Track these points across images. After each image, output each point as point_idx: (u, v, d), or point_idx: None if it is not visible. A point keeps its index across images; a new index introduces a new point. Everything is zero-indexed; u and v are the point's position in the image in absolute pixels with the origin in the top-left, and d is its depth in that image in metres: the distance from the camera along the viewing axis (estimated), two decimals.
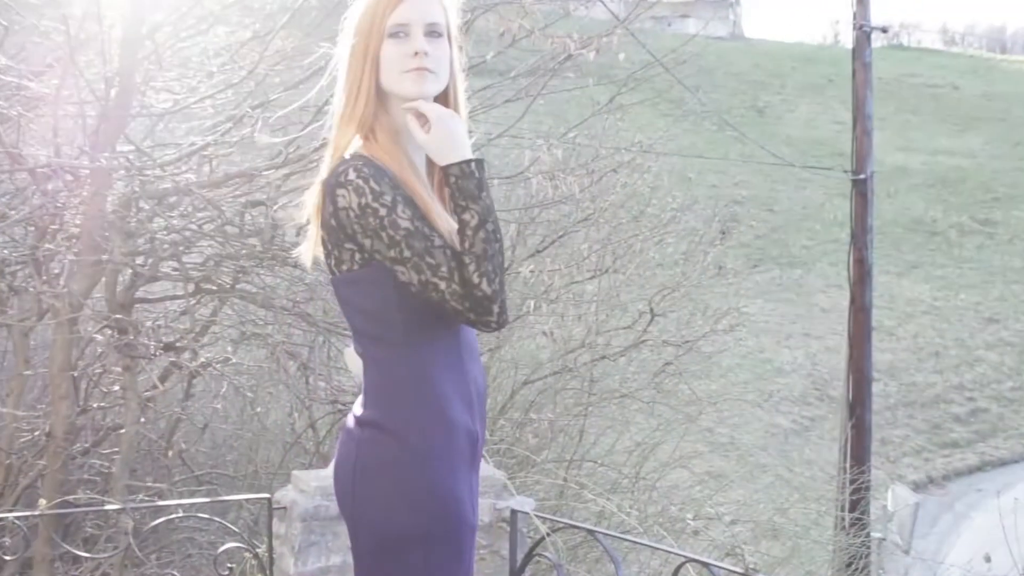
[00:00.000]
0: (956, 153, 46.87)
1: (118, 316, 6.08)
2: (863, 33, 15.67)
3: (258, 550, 4.85)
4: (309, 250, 2.88)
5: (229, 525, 5.08)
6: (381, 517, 2.70)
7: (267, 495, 4.95)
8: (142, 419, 6.66)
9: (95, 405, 6.98)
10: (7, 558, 4.44)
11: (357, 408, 2.79)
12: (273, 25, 6.85)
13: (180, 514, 5.06)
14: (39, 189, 6.08)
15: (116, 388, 6.89)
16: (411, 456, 2.68)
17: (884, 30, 18.01)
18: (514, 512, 4.92)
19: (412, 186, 2.70)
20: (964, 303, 34.07)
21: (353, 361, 5.01)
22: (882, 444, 25.36)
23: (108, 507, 5.59)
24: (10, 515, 4.82)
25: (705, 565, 4.08)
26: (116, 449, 6.59)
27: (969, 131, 50.05)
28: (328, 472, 4.96)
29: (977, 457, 27.33)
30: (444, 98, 2.82)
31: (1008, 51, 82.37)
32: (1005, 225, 39.87)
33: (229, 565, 4.74)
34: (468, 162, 2.70)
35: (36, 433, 6.58)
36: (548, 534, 4.81)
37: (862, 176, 15.63)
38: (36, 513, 4.83)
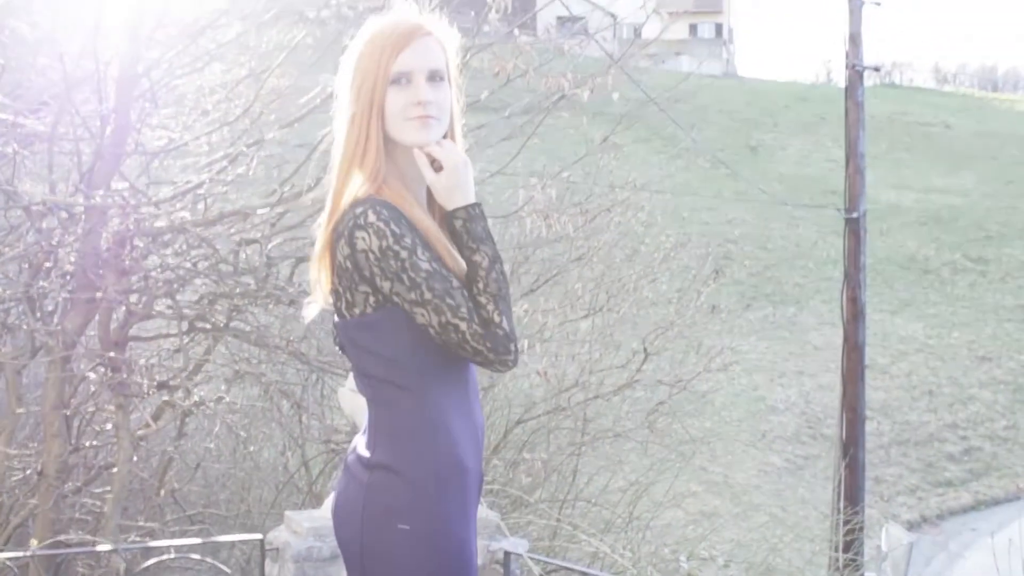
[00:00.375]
0: (949, 191, 46.98)
1: (111, 354, 6.07)
2: (855, 72, 15.76)
3: None
4: (318, 302, 2.82)
5: (221, 566, 5.04)
6: (392, 562, 2.67)
7: (259, 536, 4.93)
8: (134, 458, 6.63)
9: (87, 443, 6.95)
10: None
11: (363, 451, 2.74)
12: (268, 64, 6.89)
13: (172, 555, 5.03)
14: (34, 226, 6.08)
15: (109, 426, 6.87)
16: (426, 502, 2.66)
17: (876, 69, 18.12)
18: (507, 554, 4.90)
19: (426, 228, 2.69)
20: (957, 341, 34.04)
21: (347, 401, 5.00)
22: (876, 483, 25.30)
23: (100, 547, 5.56)
24: (1, 555, 4.78)
25: None
26: (108, 488, 6.56)
27: (961, 169, 50.17)
28: (321, 513, 4.94)
29: (971, 496, 27.25)
30: (444, 139, 2.82)
31: (1000, 90, 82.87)
32: (997, 263, 39.90)
33: None
34: (475, 205, 2.74)
35: (28, 471, 6.55)
36: None
37: (855, 214, 15.68)
38: (27, 553, 4.80)
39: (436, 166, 2.74)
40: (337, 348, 3.01)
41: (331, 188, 2.76)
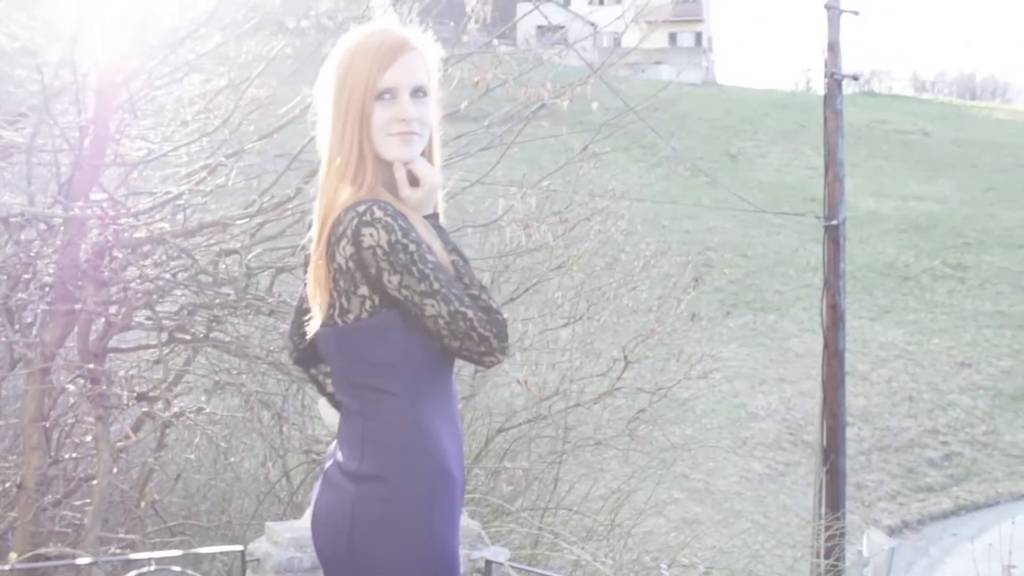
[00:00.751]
0: (927, 198, 47.24)
1: (91, 366, 6.05)
2: (834, 81, 15.84)
3: None
4: (318, 316, 2.79)
5: None
6: (382, 572, 2.68)
7: (240, 547, 4.92)
8: (114, 469, 6.60)
9: (67, 456, 6.92)
10: None
11: (347, 462, 2.74)
12: (248, 74, 6.88)
13: (152, 567, 5.00)
14: (12, 238, 6.06)
15: (88, 438, 6.84)
16: (416, 511, 2.68)
17: (855, 78, 18.19)
18: (489, 562, 4.89)
19: (418, 229, 2.73)
20: (937, 347, 34.20)
21: (328, 411, 4.99)
22: (857, 488, 25.38)
23: (80, 560, 5.54)
24: None
25: None
26: (88, 500, 6.53)
27: (940, 177, 50.47)
28: (302, 523, 4.93)
29: (952, 501, 27.38)
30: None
31: (978, 98, 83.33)
32: (976, 270, 40.13)
33: None
34: (436, 215, 2.85)
35: (7, 484, 6.52)
36: None
37: (834, 222, 15.74)
38: (6, 567, 4.77)
39: (411, 179, 2.78)
40: (293, 362, 3.04)
41: (319, 201, 2.77)
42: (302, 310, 2.91)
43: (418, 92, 2.77)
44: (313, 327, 2.83)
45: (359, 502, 2.69)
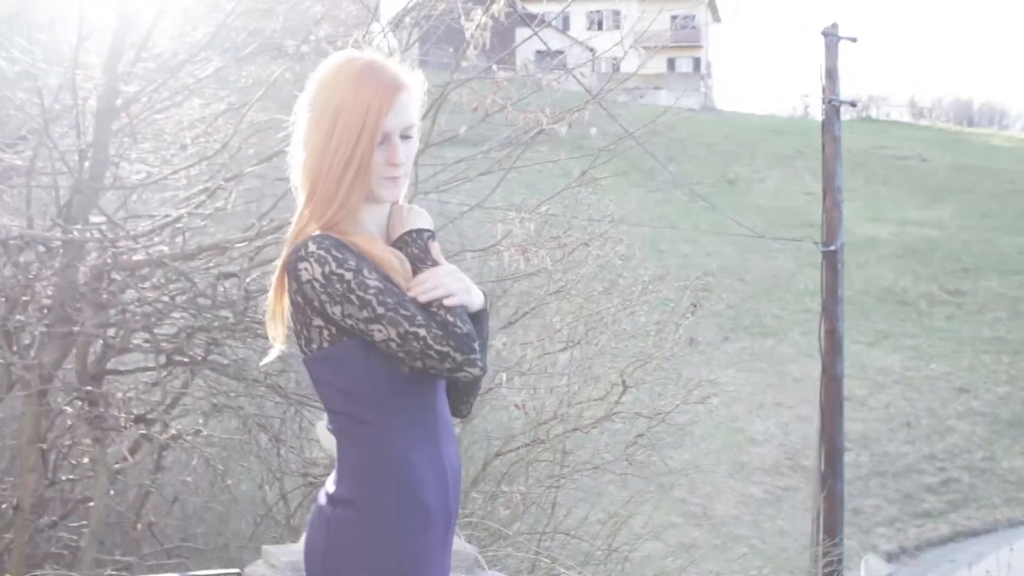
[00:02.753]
0: (925, 224, 47.26)
1: (88, 388, 6.06)
2: (832, 107, 15.89)
3: None
4: (277, 346, 2.84)
5: None
6: None
7: (237, 570, 4.92)
8: (111, 491, 6.60)
9: (64, 477, 6.93)
10: None
11: (330, 485, 2.76)
12: (248, 98, 6.91)
13: None
14: (11, 260, 6.08)
15: (85, 460, 6.85)
16: (385, 539, 2.67)
17: (853, 104, 18.26)
18: None
19: (378, 255, 2.70)
20: (935, 373, 34.13)
21: (325, 434, 5.00)
22: (855, 514, 25.31)
23: None
24: None
25: None
26: (85, 522, 6.53)
27: (938, 202, 50.50)
28: (299, 547, 4.93)
29: (949, 527, 27.28)
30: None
31: (975, 124, 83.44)
32: (974, 295, 40.10)
33: None
34: (425, 231, 2.80)
35: (3, 506, 6.52)
36: None
37: (832, 247, 15.76)
38: None
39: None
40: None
41: (291, 231, 2.78)
42: None
43: (406, 133, 2.77)
44: (271, 355, 2.91)
45: (332, 524, 2.70)
